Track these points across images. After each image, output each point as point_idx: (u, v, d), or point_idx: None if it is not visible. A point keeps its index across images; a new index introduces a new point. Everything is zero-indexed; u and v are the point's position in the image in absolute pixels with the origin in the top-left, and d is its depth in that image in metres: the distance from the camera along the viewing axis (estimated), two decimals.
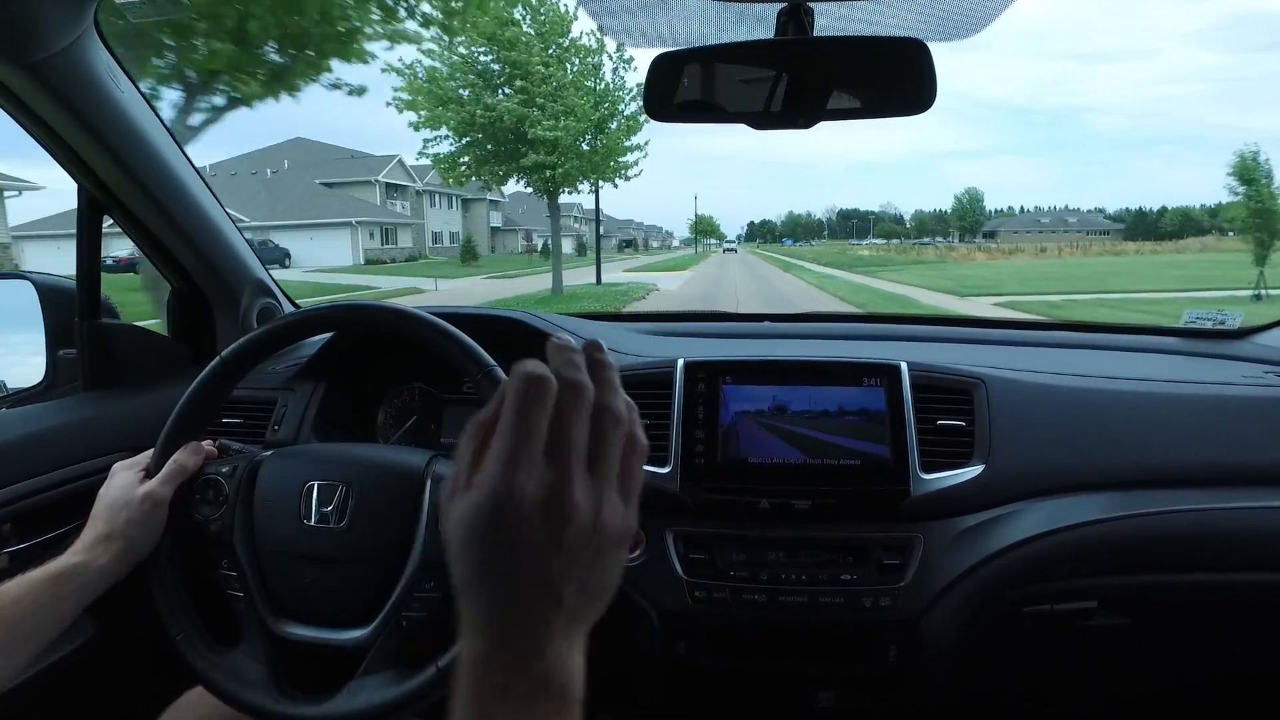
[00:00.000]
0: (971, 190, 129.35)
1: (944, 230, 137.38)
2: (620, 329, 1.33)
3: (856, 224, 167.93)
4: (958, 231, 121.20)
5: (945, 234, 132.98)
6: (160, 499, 0.81)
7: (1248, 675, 1.22)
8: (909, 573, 0.97)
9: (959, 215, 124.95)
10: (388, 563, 0.78)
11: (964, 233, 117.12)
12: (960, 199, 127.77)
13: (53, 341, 1.21)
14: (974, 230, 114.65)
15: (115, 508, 0.80)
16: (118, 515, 0.80)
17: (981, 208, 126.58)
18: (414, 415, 1.25)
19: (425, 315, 0.84)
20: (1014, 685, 1.25)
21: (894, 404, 1.01)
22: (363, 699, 0.74)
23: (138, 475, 0.83)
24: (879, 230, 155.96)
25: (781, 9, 0.87)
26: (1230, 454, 1.05)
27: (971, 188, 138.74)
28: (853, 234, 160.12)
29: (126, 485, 0.82)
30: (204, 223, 1.23)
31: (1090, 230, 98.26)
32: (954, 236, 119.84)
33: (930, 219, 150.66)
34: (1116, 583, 1.03)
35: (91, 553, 0.78)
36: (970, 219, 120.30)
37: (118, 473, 0.84)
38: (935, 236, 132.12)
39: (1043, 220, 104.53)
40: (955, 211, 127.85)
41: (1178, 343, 1.37)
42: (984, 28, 0.97)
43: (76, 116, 0.99)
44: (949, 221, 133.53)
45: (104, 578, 0.78)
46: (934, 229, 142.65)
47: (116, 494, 0.81)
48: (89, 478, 1.06)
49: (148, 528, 0.80)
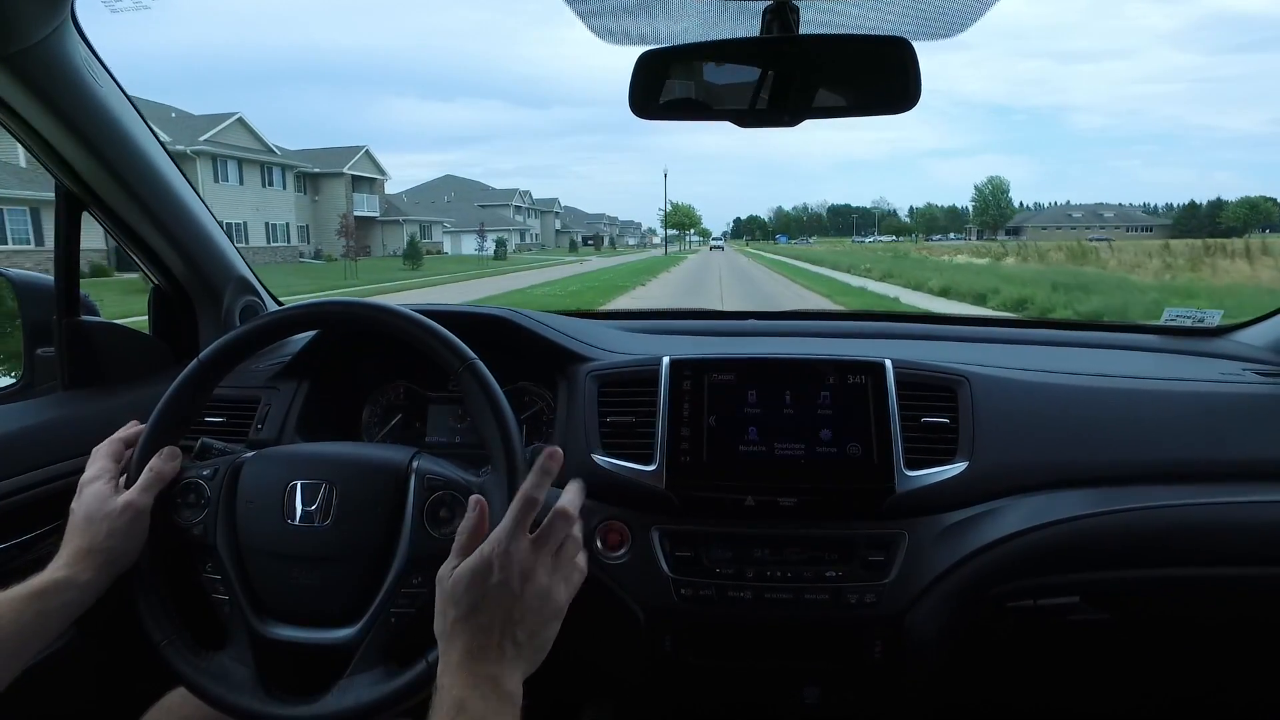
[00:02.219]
0: (995, 180, 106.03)
1: (956, 226, 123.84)
2: (605, 327, 1.33)
3: (857, 219, 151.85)
4: (976, 228, 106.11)
5: (958, 230, 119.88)
6: (141, 508, 0.79)
7: (1228, 668, 1.24)
8: (893, 569, 0.98)
9: (981, 209, 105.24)
10: (373, 560, 0.78)
11: (985, 229, 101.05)
12: (982, 190, 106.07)
13: (31, 340, 1.19)
14: (997, 226, 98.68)
15: (93, 520, 0.78)
16: (98, 528, 0.77)
17: (1007, 199, 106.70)
18: (398, 413, 1.25)
19: (408, 311, 0.84)
20: (998, 680, 1.26)
21: (878, 401, 1.01)
22: (352, 697, 0.74)
23: (110, 485, 0.81)
24: (885, 226, 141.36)
25: (766, 7, 0.87)
26: (1209, 450, 1.06)
27: (995, 177, 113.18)
28: (847, 231, 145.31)
29: (101, 497, 0.79)
30: (185, 219, 1.22)
31: (1130, 227, 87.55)
32: (970, 233, 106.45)
33: (942, 214, 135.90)
34: (1098, 577, 1.05)
35: (74, 568, 0.75)
36: (993, 213, 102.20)
37: (87, 485, 0.81)
38: (948, 234, 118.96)
39: (1074, 215, 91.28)
40: (977, 205, 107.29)
41: (1158, 340, 1.39)
42: (968, 26, 0.98)
43: (53, 111, 0.97)
44: (966, 217, 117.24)
45: (88, 593, 0.76)
46: (945, 225, 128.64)
47: (92, 507, 0.79)
48: (68, 478, 1.05)
49: (130, 538, 0.78)
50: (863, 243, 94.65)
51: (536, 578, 0.66)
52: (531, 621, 0.65)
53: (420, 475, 0.80)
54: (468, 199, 43.64)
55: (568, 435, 1.07)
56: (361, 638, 0.76)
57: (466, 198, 45.17)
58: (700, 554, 1.00)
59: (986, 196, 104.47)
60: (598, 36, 0.97)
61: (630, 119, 0.91)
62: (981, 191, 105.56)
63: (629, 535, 1.02)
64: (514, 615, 0.64)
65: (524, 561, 0.66)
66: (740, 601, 0.98)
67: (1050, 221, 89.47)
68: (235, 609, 0.79)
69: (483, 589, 0.64)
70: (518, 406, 1.17)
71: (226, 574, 0.80)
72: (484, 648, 0.63)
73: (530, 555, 0.67)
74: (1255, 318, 1.38)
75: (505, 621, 0.64)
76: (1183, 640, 1.19)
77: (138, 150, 1.10)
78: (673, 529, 1.01)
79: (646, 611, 1.00)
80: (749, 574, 0.98)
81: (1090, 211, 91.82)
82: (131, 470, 0.83)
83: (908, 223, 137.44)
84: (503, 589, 0.64)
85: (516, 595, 0.65)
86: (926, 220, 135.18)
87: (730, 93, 0.93)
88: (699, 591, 0.99)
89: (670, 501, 1.00)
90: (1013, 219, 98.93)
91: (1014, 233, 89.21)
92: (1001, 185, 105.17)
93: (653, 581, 1.00)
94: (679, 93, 0.91)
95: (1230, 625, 1.16)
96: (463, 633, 0.63)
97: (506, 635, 0.63)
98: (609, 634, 1.04)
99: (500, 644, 0.63)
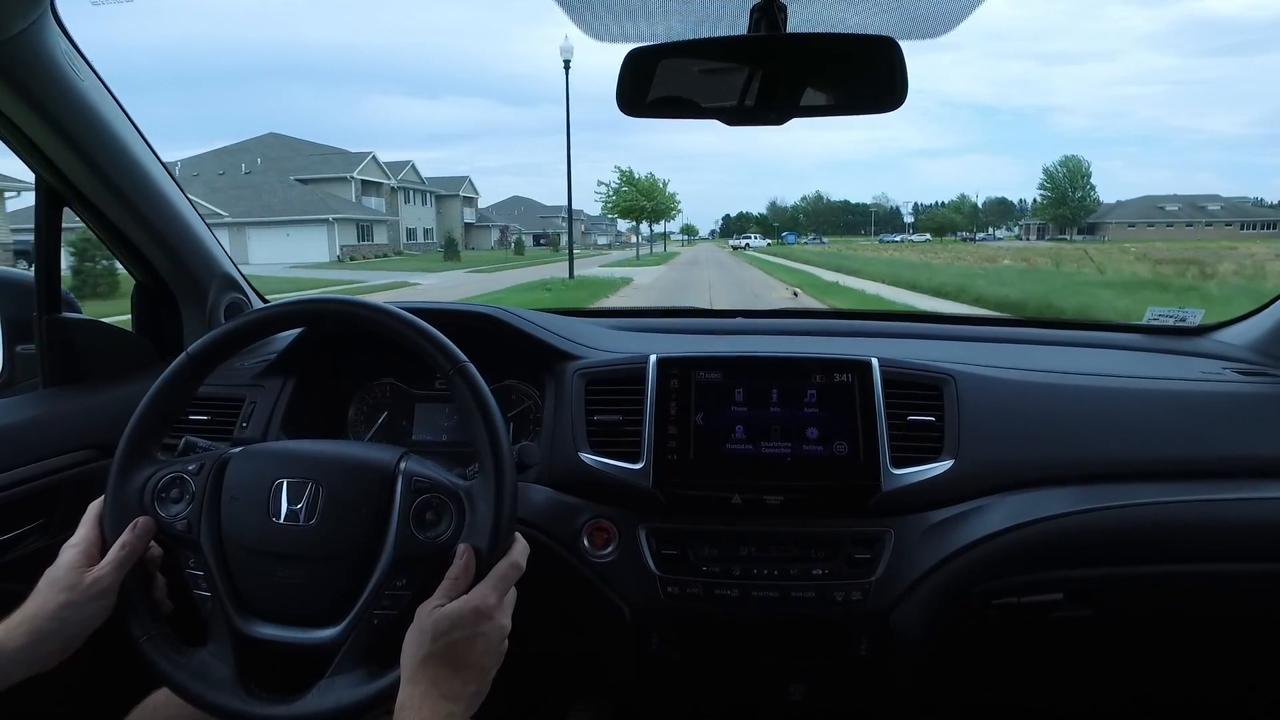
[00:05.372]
0: (1072, 161, 70.40)
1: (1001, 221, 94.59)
2: (593, 325, 1.33)
3: (875, 214, 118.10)
4: (1041, 223, 73.80)
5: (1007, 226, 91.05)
6: (107, 587, 0.74)
7: (1208, 663, 1.26)
8: (879, 567, 0.98)
9: (1057, 200, 69.68)
10: (358, 561, 0.78)
11: (1061, 224, 69.80)
12: (1054, 174, 70.34)
13: (11, 337, 1.18)
14: (1072, 222, 68.32)
15: (55, 588, 0.72)
16: (52, 597, 0.72)
17: (1088, 185, 70.23)
18: (385, 412, 1.24)
19: (397, 310, 0.83)
20: (983, 676, 1.27)
21: (865, 400, 1.02)
22: (333, 698, 0.73)
23: (84, 556, 0.75)
24: (925, 223, 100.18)
25: (755, 5, 0.87)
26: (1188, 448, 1.07)
27: (1071, 157, 71.63)
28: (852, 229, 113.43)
29: (70, 566, 0.74)
30: (169, 215, 1.21)
31: (1246, 223, 61.72)
32: (1030, 231, 75.74)
33: (994, 206, 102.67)
34: (1081, 575, 1.06)
35: (11, 633, 0.69)
36: (1071, 205, 68.78)
37: (66, 549, 0.76)
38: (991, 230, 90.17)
39: (1168, 208, 64.56)
40: (1052, 193, 70.66)
41: (1140, 339, 1.40)
42: (955, 26, 0.99)
43: (32, 104, 0.96)
44: (1018, 210, 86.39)
45: (16, 665, 0.69)
46: (989, 220, 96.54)
47: (57, 574, 0.73)
48: (49, 476, 1.04)
49: (86, 614, 0.73)
50: (892, 242, 70.08)
51: (498, 619, 0.74)
52: (492, 661, 0.73)
53: (407, 477, 0.80)
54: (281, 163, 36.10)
55: (555, 433, 1.07)
56: (343, 638, 0.76)
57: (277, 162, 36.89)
58: (687, 552, 1.00)
59: (1060, 182, 69.83)
60: (587, 34, 0.97)
61: (618, 117, 0.91)
62: (1053, 176, 70.50)
63: (616, 533, 1.02)
64: (484, 663, 0.72)
65: (497, 613, 0.74)
66: (727, 599, 0.98)
67: (1138, 216, 63.63)
68: (217, 606, 0.78)
69: (461, 634, 0.71)
70: (505, 404, 1.16)
71: (209, 570, 0.79)
72: (450, 685, 0.70)
73: (501, 606, 0.75)
74: (1235, 317, 1.39)
75: (474, 667, 0.72)
76: (1164, 636, 1.20)
77: (120, 145, 1.09)
78: (659, 527, 1.01)
79: (633, 609, 1.00)
80: (735, 572, 0.99)
81: (1189, 203, 64.96)
82: (118, 459, 0.80)
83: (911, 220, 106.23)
84: (479, 640, 0.72)
85: (489, 645, 0.73)
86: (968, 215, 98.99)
87: (718, 91, 0.93)
88: (686, 589, 0.99)
89: (657, 500, 1.00)
90: (1096, 212, 68.80)
91: (1089, 230, 65.74)
92: (1080, 167, 70.05)
93: (639, 579, 1.00)
94: (667, 91, 0.91)
95: (1211, 621, 1.17)
96: (432, 669, 0.69)
97: (471, 679, 0.71)
98: (596, 632, 1.04)
99: (464, 683, 0.71)
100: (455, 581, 0.73)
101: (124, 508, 0.79)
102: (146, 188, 1.15)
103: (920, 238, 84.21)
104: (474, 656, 0.71)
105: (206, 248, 1.30)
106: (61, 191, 1.10)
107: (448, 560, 0.75)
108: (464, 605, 0.72)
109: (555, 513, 1.03)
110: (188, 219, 1.25)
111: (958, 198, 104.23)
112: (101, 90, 1.04)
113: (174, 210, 1.21)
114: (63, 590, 0.72)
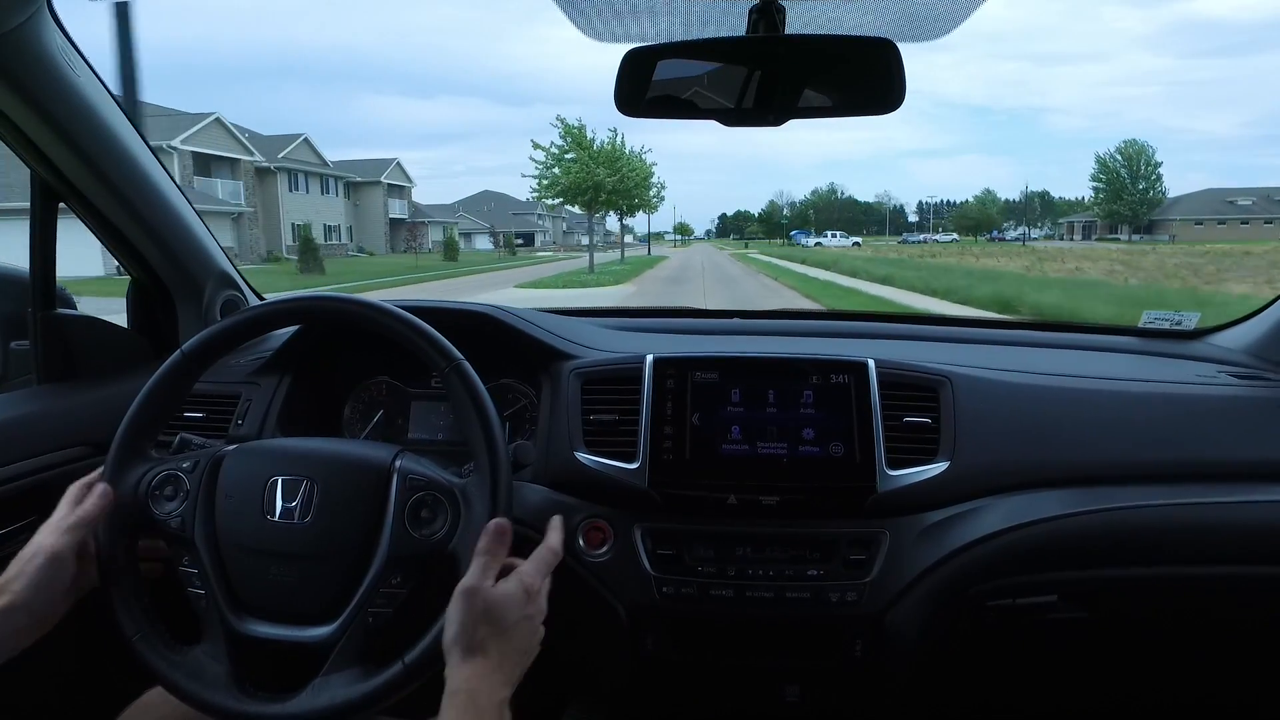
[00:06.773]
0: (1132, 145, 59.33)
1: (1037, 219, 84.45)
2: (590, 324, 1.33)
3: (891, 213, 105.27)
4: (1088, 221, 63.40)
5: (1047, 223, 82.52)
6: (55, 553, 0.71)
7: (1203, 665, 1.26)
8: (875, 568, 0.98)
9: (1114, 192, 58.42)
10: (352, 559, 0.77)
11: (1114, 223, 59.57)
12: (1109, 163, 59.33)
13: (5, 333, 1.17)
14: (1132, 218, 57.77)
15: (20, 559, 0.72)
16: (13, 570, 0.71)
17: (1154, 175, 58.88)
18: (380, 410, 1.24)
19: (393, 308, 0.83)
20: (977, 678, 1.27)
21: (861, 401, 1.02)
22: (327, 697, 0.73)
23: (49, 526, 0.74)
24: (957, 219, 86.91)
25: (753, 6, 0.88)
26: (1185, 451, 1.07)
27: (1133, 141, 61.15)
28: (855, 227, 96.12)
29: (36, 538, 0.73)
30: (165, 212, 1.20)
31: None
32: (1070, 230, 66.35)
33: (1038, 198, 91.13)
34: (1076, 576, 1.06)
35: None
36: (1130, 199, 57.74)
37: (43, 526, 0.75)
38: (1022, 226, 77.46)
39: (1239, 202, 54.55)
40: (1106, 186, 59.19)
41: (1136, 342, 1.40)
42: (953, 28, 0.99)
43: (28, 100, 0.95)
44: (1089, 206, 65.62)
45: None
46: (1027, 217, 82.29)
47: (28, 546, 0.72)
48: (42, 473, 1.03)
49: (44, 590, 0.70)
50: (915, 243, 64.80)
51: (539, 602, 0.75)
52: (535, 645, 0.74)
53: (403, 475, 0.80)
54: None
55: (550, 432, 1.07)
56: (338, 637, 0.76)
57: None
58: (682, 552, 1.00)
59: (1118, 173, 58.51)
60: (585, 34, 0.97)
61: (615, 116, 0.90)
62: (1107, 165, 59.14)
63: (611, 533, 1.01)
64: (529, 645, 0.73)
65: (540, 597, 0.76)
66: (722, 600, 0.98)
67: (1205, 212, 54.81)
68: (211, 604, 0.78)
69: (518, 614, 0.71)
70: (501, 403, 1.16)
71: (203, 568, 0.79)
72: (509, 669, 0.70)
73: (543, 590, 0.76)
74: (1231, 321, 1.40)
75: (523, 650, 0.72)
76: (1158, 638, 1.20)
77: (116, 142, 1.08)
78: (655, 527, 1.01)
79: (628, 610, 1.00)
80: (731, 572, 0.99)
81: (1264, 197, 54.94)
82: (109, 461, 0.80)
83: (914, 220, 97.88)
84: (525, 623, 0.72)
85: (533, 628, 0.74)
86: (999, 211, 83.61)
87: (716, 91, 0.93)
88: (681, 590, 0.99)
89: (652, 500, 1.00)
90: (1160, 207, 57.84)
91: (1148, 230, 56.98)
92: (1143, 154, 58.50)
93: (635, 580, 1.00)
94: (665, 91, 0.91)
95: (1204, 623, 1.18)
96: (494, 649, 0.69)
97: (520, 663, 0.72)
98: (591, 633, 1.04)
99: (515, 665, 0.71)
100: (489, 557, 0.72)
101: (118, 505, 0.79)
102: (142, 184, 1.15)
103: (947, 237, 76.31)
104: (521, 639, 0.72)
105: (203, 245, 1.29)
106: (57, 187, 1.09)
107: (443, 558, 0.75)
108: (517, 586, 0.72)
109: (550, 512, 1.03)
110: (184, 216, 1.24)
111: (983, 193, 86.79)
112: (97, 86, 1.04)
113: (170, 207, 1.21)
114: (28, 560, 0.72)
